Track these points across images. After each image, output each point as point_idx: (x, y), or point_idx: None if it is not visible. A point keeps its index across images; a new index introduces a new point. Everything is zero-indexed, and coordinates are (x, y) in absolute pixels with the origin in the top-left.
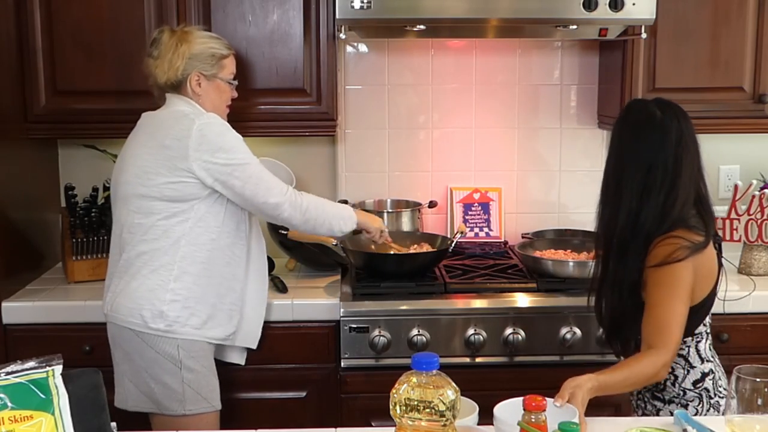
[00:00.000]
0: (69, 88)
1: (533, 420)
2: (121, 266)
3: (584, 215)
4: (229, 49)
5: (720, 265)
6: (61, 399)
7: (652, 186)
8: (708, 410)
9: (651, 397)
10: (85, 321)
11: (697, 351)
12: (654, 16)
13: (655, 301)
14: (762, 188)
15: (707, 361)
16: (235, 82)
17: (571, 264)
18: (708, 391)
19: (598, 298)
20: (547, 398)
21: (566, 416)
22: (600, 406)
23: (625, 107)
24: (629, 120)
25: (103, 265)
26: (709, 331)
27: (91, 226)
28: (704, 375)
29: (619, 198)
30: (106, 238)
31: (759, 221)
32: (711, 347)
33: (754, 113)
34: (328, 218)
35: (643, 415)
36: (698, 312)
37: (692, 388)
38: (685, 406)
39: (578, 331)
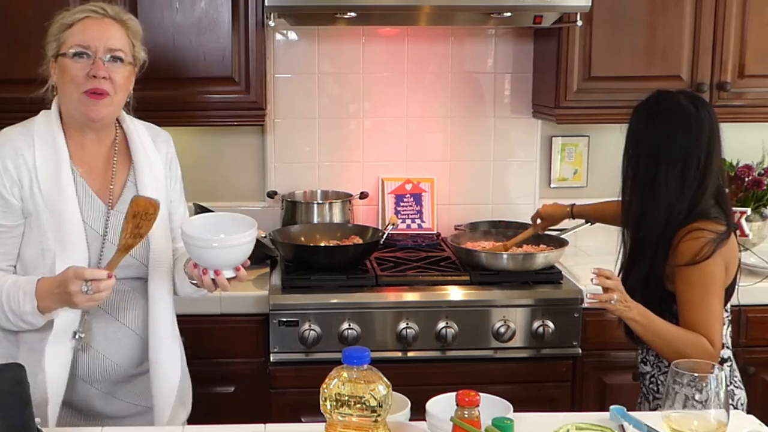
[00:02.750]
0: None
1: (466, 415)
2: None
3: (518, 206)
4: (77, 14)
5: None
6: None
7: (686, 179)
8: None
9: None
10: None
11: None
12: (590, 3)
13: (690, 303)
14: None
15: (727, 347)
16: (86, 56)
17: (505, 256)
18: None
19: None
20: (480, 393)
21: (500, 411)
22: (536, 401)
23: (652, 99)
24: (661, 112)
25: None
26: (730, 318)
27: None
28: (723, 361)
29: (655, 190)
30: None
31: None
32: (730, 336)
33: None
34: None
35: (654, 399)
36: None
37: None
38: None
39: (512, 325)
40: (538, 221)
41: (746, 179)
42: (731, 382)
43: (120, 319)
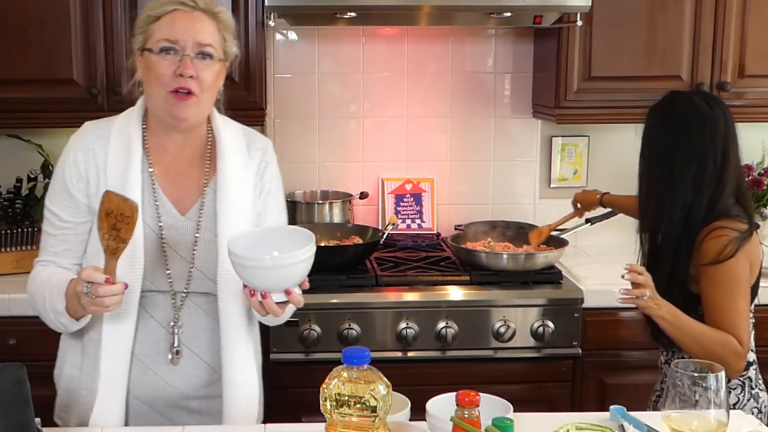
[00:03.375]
0: None
1: (466, 415)
2: None
3: (519, 206)
4: (166, 5)
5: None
6: None
7: (703, 178)
8: (748, 400)
9: (692, 383)
10: (9, 315)
11: None
12: (590, 3)
13: (716, 302)
14: None
15: (751, 350)
16: (174, 52)
17: (504, 256)
18: (750, 380)
19: None
20: (480, 393)
21: (500, 411)
22: (536, 401)
23: (666, 99)
24: (676, 112)
25: (27, 258)
26: (754, 321)
27: (15, 218)
28: (749, 364)
29: (671, 190)
30: (30, 230)
31: None
32: (754, 338)
33: None
34: (38, 308)
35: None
36: None
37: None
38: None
39: (512, 325)
40: (579, 206)
41: (746, 179)
42: (756, 385)
43: (181, 339)
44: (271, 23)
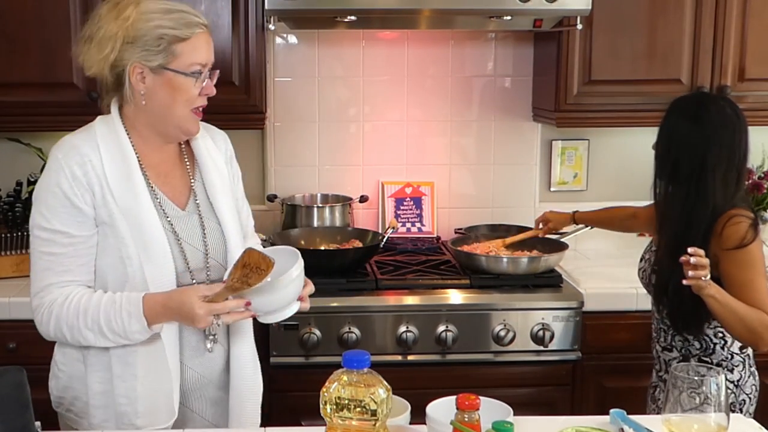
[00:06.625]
0: None
1: (466, 419)
2: None
3: (518, 210)
4: (191, 27)
5: None
6: None
7: (728, 178)
8: (749, 377)
9: (698, 361)
10: (9, 318)
11: None
12: (590, 7)
13: (741, 283)
14: None
15: None
16: (202, 74)
17: (504, 260)
18: (749, 357)
19: (665, 278)
20: (480, 397)
21: (500, 415)
22: (536, 404)
23: (691, 101)
24: (708, 113)
25: (27, 261)
26: None
27: (15, 221)
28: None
29: (702, 188)
30: (29, 233)
31: None
32: None
33: None
34: (74, 334)
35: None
36: None
37: (739, 352)
38: (731, 371)
39: (512, 329)
40: (541, 225)
41: (746, 182)
42: (752, 363)
43: (210, 328)
44: (271, 27)
